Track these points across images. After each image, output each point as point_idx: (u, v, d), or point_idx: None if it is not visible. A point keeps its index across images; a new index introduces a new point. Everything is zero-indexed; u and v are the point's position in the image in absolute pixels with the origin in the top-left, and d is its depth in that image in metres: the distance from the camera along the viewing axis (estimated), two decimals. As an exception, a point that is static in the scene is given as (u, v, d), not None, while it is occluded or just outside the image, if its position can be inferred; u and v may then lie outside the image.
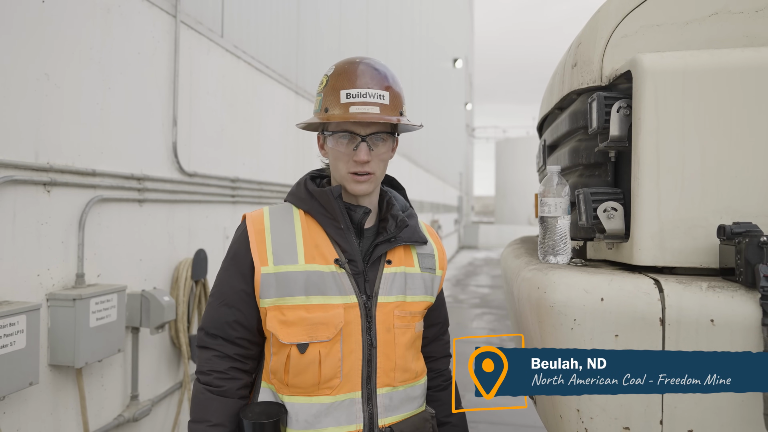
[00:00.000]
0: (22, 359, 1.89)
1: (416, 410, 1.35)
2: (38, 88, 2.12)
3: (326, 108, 1.26)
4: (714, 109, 1.18)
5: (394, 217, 1.34)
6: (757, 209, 1.16)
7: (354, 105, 1.23)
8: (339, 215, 1.28)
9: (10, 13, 1.99)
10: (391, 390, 1.29)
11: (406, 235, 1.34)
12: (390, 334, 1.28)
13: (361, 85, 1.25)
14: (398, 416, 1.29)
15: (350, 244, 1.28)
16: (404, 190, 1.49)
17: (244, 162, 3.90)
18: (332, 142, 1.28)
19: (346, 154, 1.26)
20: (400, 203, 1.42)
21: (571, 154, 1.51)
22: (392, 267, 1.32)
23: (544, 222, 1.38)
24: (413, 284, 1.33)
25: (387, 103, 1.26)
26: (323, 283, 1.24)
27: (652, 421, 1.12)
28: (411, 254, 1.37)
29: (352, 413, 1.24)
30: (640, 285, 1.13)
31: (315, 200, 1.31)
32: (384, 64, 1.33)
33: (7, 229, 1.99)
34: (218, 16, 3.55)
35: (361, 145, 1.25)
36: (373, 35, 8.60)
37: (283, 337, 1.23)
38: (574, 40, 1.54)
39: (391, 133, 1.31)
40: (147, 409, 2.71)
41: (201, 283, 3.27)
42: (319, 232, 1.29)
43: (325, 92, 1.28)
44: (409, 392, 1.33)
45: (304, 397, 1.24)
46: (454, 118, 22.72)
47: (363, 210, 1.31)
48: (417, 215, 1.45)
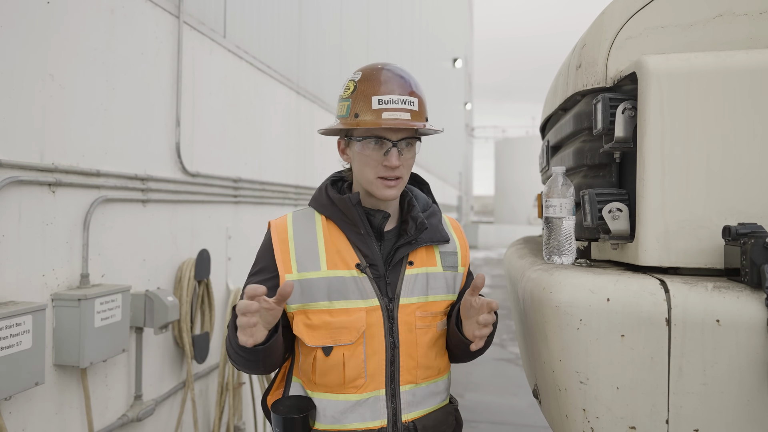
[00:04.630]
0: (28, 359, 1.90)
1: (439, 404, 1.38)
2: (43, 88, 2.12)
3: (356, 113, 1.28)
4: (718, 110, 1.19)
5: (414, 219, 1.36)
6: (762, 210, 1.17)
7: (386, 111, 1.26)
8: (359, 221, 1.31)
9: (15, 14, 1.99)
10: (414, 387, 1.32)
11: (427, 236, 1.36)
12: (412, 334, 1.31)
13: (392, 92, 1.27)
14: (421, 411, 1.33)
15: (371, 248, 1.31)
16: (428, 185, 1.52)
17: (246, 162, 3.91)
18: (360, 147, 1.30)
19: (375, 159, 1.29)
20: (422, 203, 1.44)
21: (575, 155, 1.51)
22: (414, 268, 1.34)
23: (549, 223, 1.39)
24: (435, 284, 1.36)
25: (416, 110, 1.29)
26: (345, 288, 1.27)
27: (658, 420, 1.12)
28: (434, 254, 1.39)
29: (376, 410, 1.28)
30: (645, 285, 1.14)
31: (335, 206, 1.34)
32: (407, 70, 1.35)
33: (12, 230, 1.99)
34: (221, 16, 3.56)
35: (392, 151, 1.27)
36: (374, 31, 8.61)
37: (309, 340, 1.27)
38: (578, 42, 1.55)
39: (418, 138, 1.34)
40: (151, 409, 2.72)
41: (204, 283, 3.28)
42: (340, 238, 1.32)
43: (354, 97, 1.29)
44: (432, 388, 1.36)
45: (331, 394, 1.28)
46: (453, 118, 22.72)
47: (382, 215, 1.34)
48: (440, 211, 1.47)
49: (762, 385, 1.07)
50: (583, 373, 1.16)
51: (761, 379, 1.07)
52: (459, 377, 5.42)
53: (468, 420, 4.50)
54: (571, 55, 1.59)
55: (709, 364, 1.09)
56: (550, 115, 1.95)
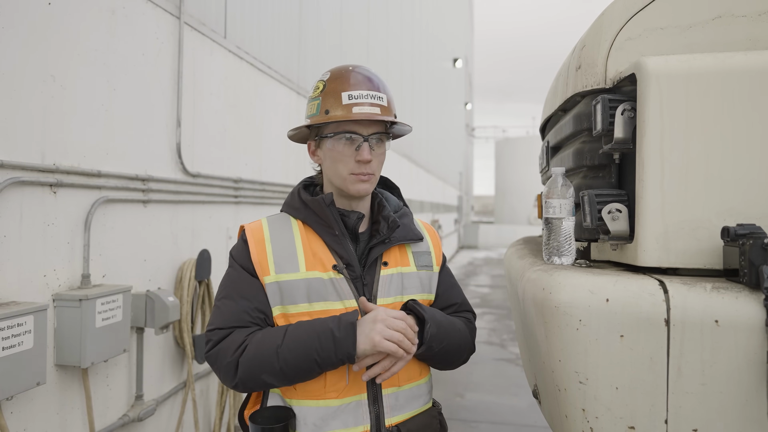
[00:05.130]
0: (30, 359, 1.90)
1: (422, 408, 1.36)
2: (44, 89, 2.13)
3: (326, 110, 1.30)
4: (717, 111, 1.19)
5: (385, 218, 1.36)
6: (761, 211, 1.17)
7: (357, 105, 1.28)
8: (333, 222, 1.31)
9: (16, 14, 2.00)
10: (396, 390, 1.31)
11: (399, 234, 1.36)
12: None
13: (361, 88, 1.29)
14: (405, 415, 1.31)
15: (346, 249, 1.31)
16: (398, 189, 1.52)
17: (247, 162, 3.92)
18: (331, 144, 1.31)
19: (347, 155, 1.30)
20: (393, 204, 1.44)
21: (575, 155, 1.52)
22: (389, 268, 1.34)
23: (549, 223, 1.39)
24: (410, 284, 1.36)
25: (385, 105, 1.32)
26: (324, 290, 1.27)
27: (657, 420, 1.13)
28: (406, 254, 1.39)
29: (358, 415, 1.26)
30: (644, 286, 1.14)
31: (309, 209, 1.34)
32: (375, 72, 1.38)
33: (14, 230, 2.00)
34: (221, 17, 3.56)
35: (364, 145, 1.29)
36: (374, 31, 8.61)
37: None
38: (578, 43, 1.55)
39: (387, 134, 1.36)
40: (151, 409, 2.72)
41: (204, 284, 3.28)
42: (316, 240, 1.32)
43: (324, 95, 1.32)
44: (415, 391, 1.34)
45: (312, 400, 1.26)
46: (454, 118, 22.73)
47: (357, 215, 1.34)
48: (411, 213, 1.48)
49: (760, 385, 1.08)
50: (583, 374, 1.16)
51: (760, 380, 1.07)
52: (459, 377, 5.42)
53: (468, 420, 4.51)
54: (571, 56, 1.59)
55: (707, 364, 1.10)
56: (550, 116, 1.96)
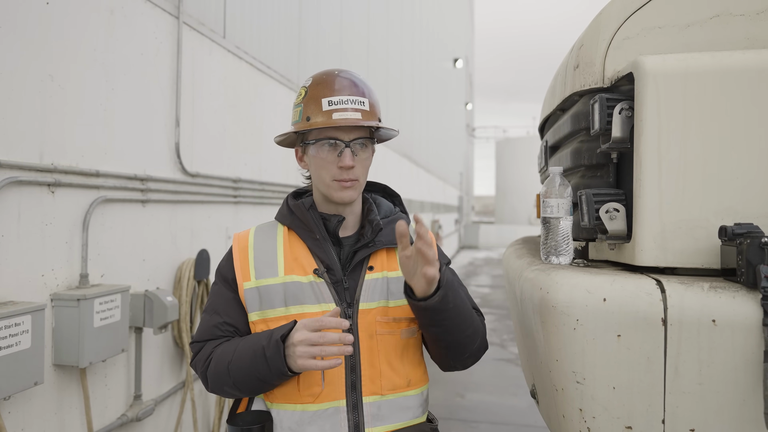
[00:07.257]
0: (27, 359, 1.90)
1: (412, 421, 1.30)
2: (42, 89, 2.13)
3: (308, 117, 1.29)
4: (715, 110, 1.19)
5: (370, 222, 1.36)
6: (758, 210, 1.17)
7: (337, 111, 1.26)
8: (313, 225, 1.31)
9: (14, 14, 2.00)
10: (378, 399, 1.26)
11: (385, 238, 1.34)
12: (373, 341, 1.27)
13: (342, 93, 1.28)
14: (388, 427, 1.26)
15: (327, 253, 1.31)
16: (399, 197, 1.50)
17: (246, 162, 3.91)
18: (314, 151, 1.30)
19: (330, 162, 1.28)
20: (384, 209, 1.43)
21: (573, 155, 1.51)
22: (374, 273, 1.32)
23: (547, 223, 1.39)
24: (397, 288, 1.31)
25: (367, 110, 1.30)
26: (301, 293, 1.27)
27: (654, 420, 1.13)
28: (394, 258, 1.36)
29: (336, 422, 1.23)
30: (642, 285, 1.14)
31: (294, 215, 1.35)
32: (360, 76, 1.36)
33: (11, 230, 2.00)
34: (220, 17, 3.56)
35: (346, 151, 1.27)
36: (374, 31, 8.61)
37: None
38: (576, 42, 1.55)
39: (371, 139, 1.34)
40: (150, 409, 2.72)
41: (203, 284, 3.28)
42: (300, 246, 1.33)
43: (305, 102, 1.30)
44: (401, 402, 1.28)
45: (289, 404, 1.25)
46: (454, 118, 22.73)
47: (337, 219, 1.33)
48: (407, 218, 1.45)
49: (757, 384, 1.07)
50: (580, 373, 1.16)
51: (757, 379, 1.07)
52: (459, 377, 5.42)
53: (468, 420, 4.50)
54: (569, 56, 1.59)
55: (705, 364, 1.09)
56: (548, 116, 1.96)
